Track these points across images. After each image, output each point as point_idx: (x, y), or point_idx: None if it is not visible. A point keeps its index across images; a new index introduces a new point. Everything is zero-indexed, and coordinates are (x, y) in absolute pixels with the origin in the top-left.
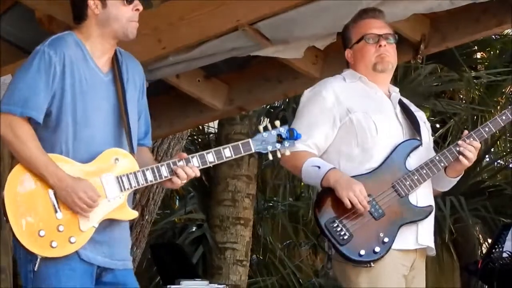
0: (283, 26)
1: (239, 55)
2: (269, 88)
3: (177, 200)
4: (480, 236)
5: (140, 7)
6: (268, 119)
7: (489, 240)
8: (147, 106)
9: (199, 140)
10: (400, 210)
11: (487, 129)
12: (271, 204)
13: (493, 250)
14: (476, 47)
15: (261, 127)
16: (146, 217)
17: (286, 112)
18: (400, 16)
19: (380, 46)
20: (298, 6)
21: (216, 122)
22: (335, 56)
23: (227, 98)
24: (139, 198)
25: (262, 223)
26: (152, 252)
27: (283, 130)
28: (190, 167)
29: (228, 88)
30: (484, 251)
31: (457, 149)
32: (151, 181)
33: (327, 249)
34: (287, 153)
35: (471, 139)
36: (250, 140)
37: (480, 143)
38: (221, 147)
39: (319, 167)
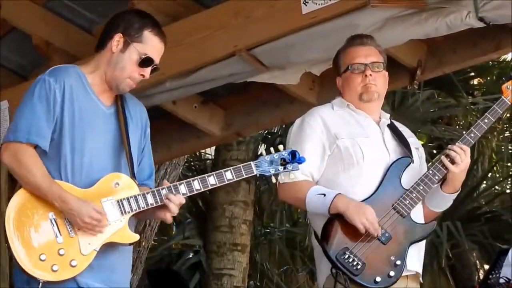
0: (279, 51)
1: (236, 80)
2: (266, 113)
3: (174, 226)
4: (477, 261)
5: (147, 76)
6: (265, 145)
7: (486, 266)
8: (151, 148)
9: (196, 166)
10: (406, 230)
11: (472, 135)
12: (268, 230)
13: (490, 276)
14: (473, 73)
15: (263, 151)
16: (143, 243)
17: (283, 138)
18: (397, 42)
19: (365, 76)
20: (295, 32)
21: (213, 148)
22: (332, 82)
23: (224, 123)
24: (136, 225)
25: (259, 249)
26: (149, 278)
27: (285, 153)
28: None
29: (225, 113)
30: (481, 276)
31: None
32: (151, 204)
33: (343, 283)
34: (291, 176)
35: (459, 144)
36: (252, 162)
37: (478, 164)
38: (222, 170)
39: (324, 195)
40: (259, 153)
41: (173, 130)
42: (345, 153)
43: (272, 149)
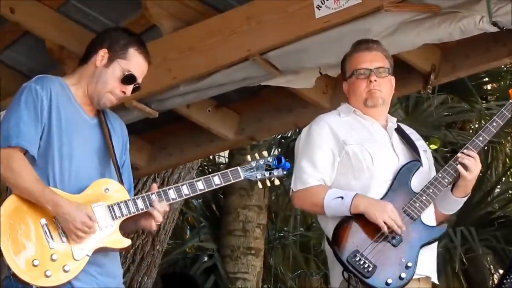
0: (293, 56)
1: (249, 85)
2: (280, 118)
3: (188, 230)
4: (491, 266)
5: (128, 93)
6: (280, 149)
7: (500, 271)
8: (130, 165)
9: (210, 170)
10: (416, 232)
11: (481, 138)
12: (282, 234)
13: (504, 281)
14: (487, 78)
15: (248, 156)
16: (157, 247)
17: None
18: (410, 46)
19: (370, 81)
20: (308, 36)
21: (227, 152)
22: None
23: (238, 127)
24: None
25: (273, 253)
26: (163, 282)
27: (271, 159)
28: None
29: (239, 117)
30: (495, 281)
31: (457, 161)
32: (142, 209)
33: (355, 284)
34: (276, 181)
35: (468, 150)
36: (238, 168)
37: (492, 169)
38: (210, 175)
39: (342, 197)
40: (248, 156)
41: (186, 134)
42: (354, 159)
43: (257, 154)
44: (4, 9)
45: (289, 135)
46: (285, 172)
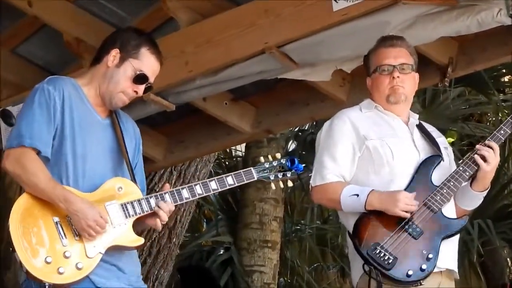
0: (310, 49)
1: (266, 78)
2: (296, 111)
3: (205, 223)
4: (508, 259)
5: (140, 93)
6: (297, 143)
7: None
8: (142, 166)
9: (227, 163)
10: (437, 225)
11: (502, 132)
12: (298, 227)
13: None
14: (504, 70)
15: (261, 157)
16: (174, 240)
17: (314, 135)
18: (428, 39)
19: (393, 78)
20: (325, 29)
21: (244, 145)
22: (362, 79)
23: (255, 120)
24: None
25: (290, 246)
26: (179, 275)
27: (284, 160)
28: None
29: (256, 110)
30: None
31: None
32: (155, 207)
33: (375, 277)
34: (290, 183)
35: (489, 142)
36: (252, 168)
37: (509, 162)
38: (223, 175)
39: (357, 195)
40: (261, 157)
41: (203, 127)
42: (375, 154)
43: (270, 156)
44: (22, 3)
45: (306, 128)
46: (299, 173)
